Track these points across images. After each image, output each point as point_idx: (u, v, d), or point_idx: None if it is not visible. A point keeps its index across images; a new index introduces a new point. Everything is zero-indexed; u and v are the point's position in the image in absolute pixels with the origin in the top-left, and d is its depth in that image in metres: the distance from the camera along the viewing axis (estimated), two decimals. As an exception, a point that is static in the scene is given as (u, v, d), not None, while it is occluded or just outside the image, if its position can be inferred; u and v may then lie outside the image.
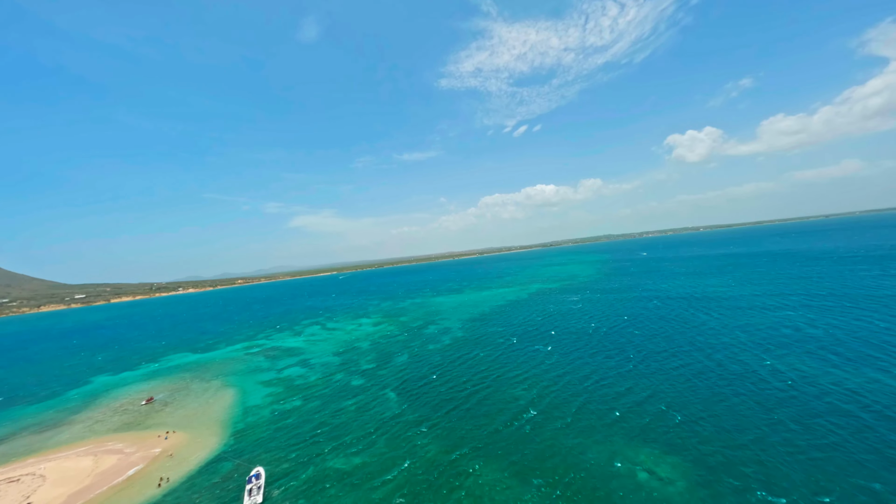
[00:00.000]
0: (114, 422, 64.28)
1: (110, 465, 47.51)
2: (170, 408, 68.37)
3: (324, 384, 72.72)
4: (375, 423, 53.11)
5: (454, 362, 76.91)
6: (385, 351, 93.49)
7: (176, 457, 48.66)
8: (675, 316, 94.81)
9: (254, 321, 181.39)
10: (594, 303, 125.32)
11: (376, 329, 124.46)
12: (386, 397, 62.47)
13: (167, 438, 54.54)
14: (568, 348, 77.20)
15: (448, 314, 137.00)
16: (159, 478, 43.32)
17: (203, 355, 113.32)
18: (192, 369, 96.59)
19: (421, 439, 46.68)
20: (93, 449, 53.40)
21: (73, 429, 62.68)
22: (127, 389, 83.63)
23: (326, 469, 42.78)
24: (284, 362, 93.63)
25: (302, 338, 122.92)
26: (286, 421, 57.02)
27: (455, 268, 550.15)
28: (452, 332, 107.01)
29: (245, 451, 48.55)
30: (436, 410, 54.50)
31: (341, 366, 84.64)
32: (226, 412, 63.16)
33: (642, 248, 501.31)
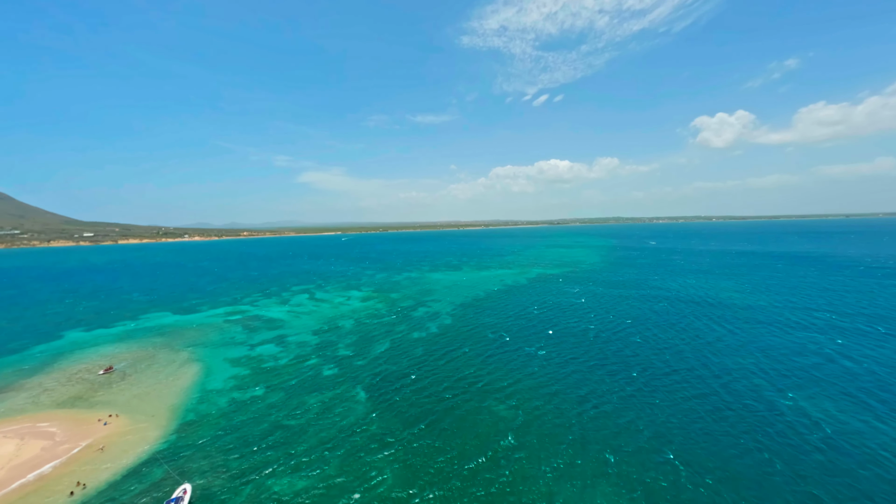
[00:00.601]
0: (62, 393, 58.95)
1: (31, 456, 41.83)
2: (126, 382, 62.80)
3: (293, 371, 66.31)
4: (335, 431, 46.39)
5: (437, 359, 69.65)
6: (367, 335, 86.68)
7: (106, 451, 42.76)
8: (685, 325, 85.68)
9: (245, 282, 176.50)
10: (597, 298, 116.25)
11: (364, 305, 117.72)
12: (355, 397, 55.69)
13: (106, 424, 48.74)
14: (564, 355, 69.13)
15: (441, 295, 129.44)
16: (76, 482, 37.35)
17: (183, 317, 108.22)
18: (167, 334, 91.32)
19: (380, 464, 39.77)
20: (24, 429, 47.95)
21: (17, 398, 57.51)
22: (91, 352, 78.59)
23: (264, 492, 36.28)
24: (261, 336, 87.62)
25: (287, 308, 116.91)
26: (240, 417, 50.71)
27: (458, 240, 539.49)
28: (442, 318, 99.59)
29: (183, 454, 42.38)
30: (405, 425, 47.47)
31: (317, 348, 78.16)
32: (180, 396, 57.21)
33: (652, 236, 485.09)
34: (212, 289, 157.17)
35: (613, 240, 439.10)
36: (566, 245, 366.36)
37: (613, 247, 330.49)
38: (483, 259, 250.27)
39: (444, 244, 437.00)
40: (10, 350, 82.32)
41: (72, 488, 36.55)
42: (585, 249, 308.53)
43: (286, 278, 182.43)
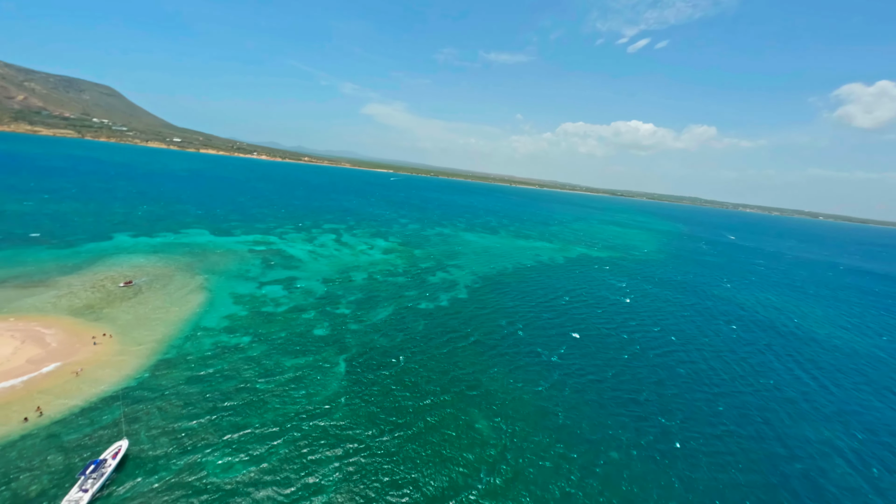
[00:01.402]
0: (80, 299, 61.66)
1: (19, 364, 42.91)
2: (136, 300, 64.24)
3: (286, 322, 63.17)
4: (295, 411, 41.84)
5: (435, 343, 62.10)
6: (374, 295, 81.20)
7: (80, 377, 42.52)
8: (756, 363, 68.18)
9: (285, 210, 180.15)
10: (645, 300, 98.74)
11: (384, 259, 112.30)
12: (332, 370, 50.76)
13: (96, 344, 49.11)
14: (585, 372, 57.55)
15: (466, 262, 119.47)
16: (36, 406, 37.05)
17: (216, 238, 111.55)
18: (195, 253, 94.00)
19: (325, 468, 34.38)
20: (31, 331, 50.06)
21: (44, 295, 61.13)
22: (124, 260, 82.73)
23: (197, 471, 32.90)
24: (273, 275, 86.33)
25: (310, 247, 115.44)
26: (215, 366, 48.31)
27: (506, 198, 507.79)
28: (458, 290, 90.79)
29: (144, 399, 40.64)
30: (370, 422, 41.44)
31: (319, 301, 74.50)
32: (173, 327, 56.66)
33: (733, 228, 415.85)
34: (253, 212, 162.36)
35: (683, 225, 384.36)
36: (624, 223, 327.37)
37: (681, 234, 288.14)
38: (525, 225, 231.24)
39: (489, 200, 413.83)
40: (66, 243, 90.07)
41: (29, 413, 36.14)
42: (645, 232, 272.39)
43: (323, 214, 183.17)
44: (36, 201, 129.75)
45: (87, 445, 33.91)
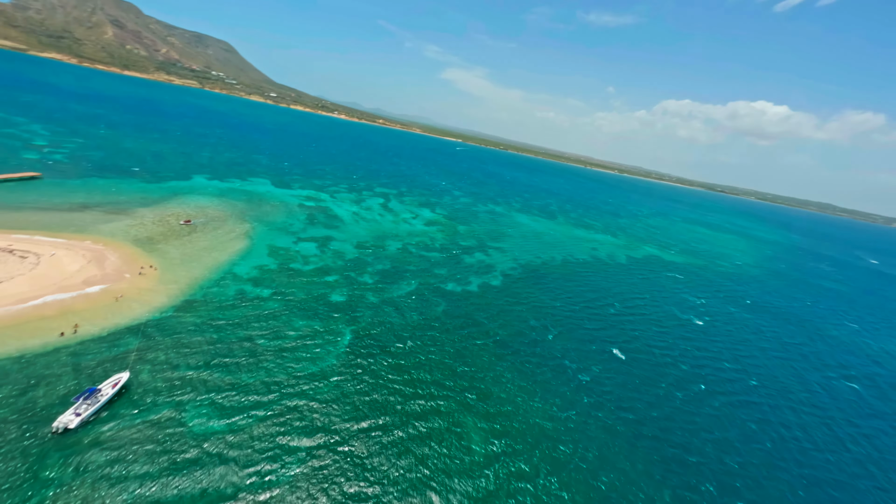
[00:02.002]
0: (145, 230, 68.72)
1: (76, 281, 48.49)
2: (188, 238, 69.69)
3: (308, 283, 63.12)
4: (286, 380, 40.56)
5: (450, 332, 56.79)
6: (403, 267, 77.91)
7: (119, 303, 46.57)
8: (892, 450, 50.40)
9: (344, 170, 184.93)
10: (726, 326, 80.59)
11: (424, 230, 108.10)
12: (335, 342, 48.86)
13: (141, 273, 53.78)
14: (623, 413, 47.43)
15: (511, 245, 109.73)
16: (75, 324, 41.21)
17: (274, 189, 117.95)
18: (251, 201, 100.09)
19: (290, 464, 32.35)
20: (99, 252, 56.67)
21: (120, 223, 69.32)
22: (192, 200, 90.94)
23: (180, 419, 33.33)
24: (313, 232, 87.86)
25: (355, 209, 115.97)
26: (231, 315, 49.52)
27: (576, 181, 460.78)
28: (493, 276, 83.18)
29: (160, 335, 42.95)
30: (355, 412, 38.42)
31: (347, 265, 73.54)
32: (208, 270, 59.91)
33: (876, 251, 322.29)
34: (315, 168, 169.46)
35: (801, 237, 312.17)
36: (716, 225, 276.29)
37: (794, 248, 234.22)
38: (589, 213, 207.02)
39: (555, 182, 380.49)
40: (156, 178, 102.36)
41: (66, 329, 40.18)
42: (744, 239, 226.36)
43: (379, 177, 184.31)
44: (147, 140, 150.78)
45: (98, 369, 36.48)
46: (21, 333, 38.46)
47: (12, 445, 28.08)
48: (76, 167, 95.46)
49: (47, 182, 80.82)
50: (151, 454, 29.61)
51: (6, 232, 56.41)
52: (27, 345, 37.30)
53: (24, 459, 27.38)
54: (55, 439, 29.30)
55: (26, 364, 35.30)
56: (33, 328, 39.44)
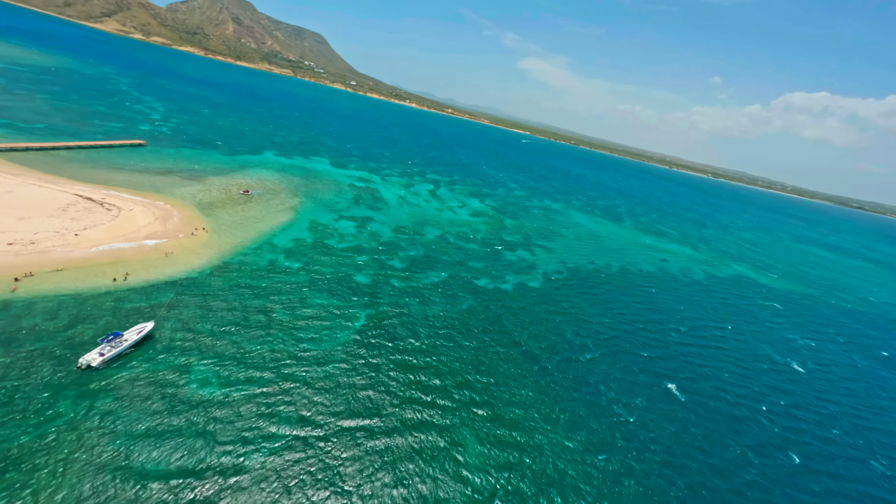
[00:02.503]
0: (209, 196, 75.47)
1: (141, 235, 54.26)
2: (242, 206, 74.86)
3: (338, 260, 63.06)
4: (289, 356, 40.00)
5: (473, 336, 51.84)
6: (436, 256, 74.36)
7: (167, 259, 50.93)
8: None
9: (400, 156, 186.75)
10: (842, 381, 62.64)
11: (469, 220, 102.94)
12: (346, 326, 47.31)
13: (193, 234, 58.58)
14: (672, 476, 38.13)
15: (562, 246, 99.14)
16: (126, 272, 45.80)
17: (330, 168, 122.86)
18: (306, 177, 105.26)
19: (268, 451, 31.21)
20: (167, 211, 63.30)
21: (191, 187, 77.24)
22: (256, 173, 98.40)
23: (185, 374, 34.43)
24: (356, 211, 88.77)
25: (402, 193, 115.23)
26: (257, 283, 50.98)
27: (654, 183, 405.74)
28: (533, 276, 75.37)
29: (192, 293, 45.75)
30: (344, 412, 36.12)
31: (380, 248, 72.33)
32: (250, 238, 63.18)
33: None
34: (374, 152, 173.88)
35: None
36: (839, 248, 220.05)
37: None
38: (665, 219, 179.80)
39: (629, 182, 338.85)
40: (234, 151, 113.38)
41: (119, 276, 44.70)
42: (882, 270, 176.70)
43: (434, 164, 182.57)
44: (237, 119, 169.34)
45: (132, 316, 39.65)
46: (84, 274, 43.69)
47: (44, 373, 31.17)
48: (174, 139, 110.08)
49: (149, 149, 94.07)
50: (146, 407, 30.60)
51: (103, 187, 66.08)
52: (84, 285, 42.15)
53: (49, 388, 30.12)
54: (78, 374, 31.92)
55: (79, 302, 39.74)
56: (95, 271, 44.59)
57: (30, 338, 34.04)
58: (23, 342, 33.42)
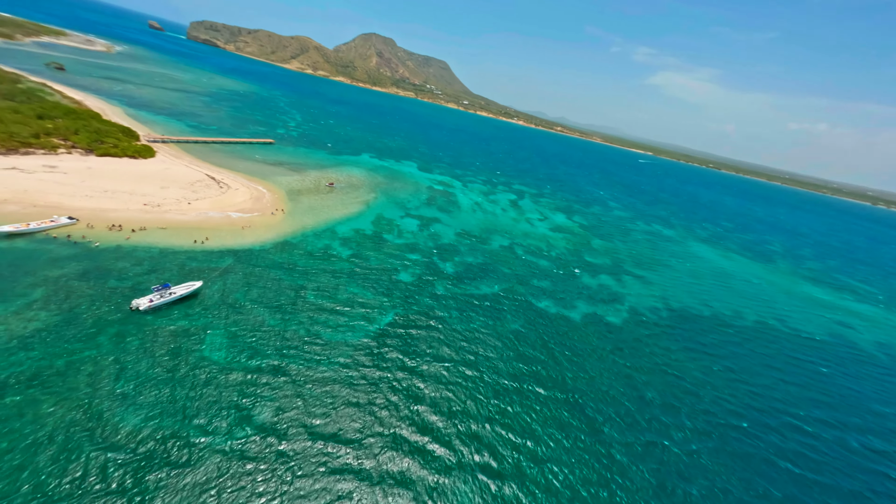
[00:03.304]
0: (301, 185, 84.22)
1: (232, 209, 62.57)
2: (323, 196, 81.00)
3: (388, 255, 61.00)
4: (304, 343, 38.23)
5: (505, 367, 41.93)
6: (498, 267, 65.85)
7: (242, 231, 56.81)
8: None
9: (490, 166, 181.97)
10: None
11: (547, 234, 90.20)
12: (371, 321, 43.63)
13: (272, 213, 64.89)
14: None
15: (667, 279, 77.51)
16: (205, 237, 52.23)
17: (415, 171, 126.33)
18: (390, 177, 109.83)
19: (234, 435, 28.77)
20: (261, 193, 72.41)
21: (291, 177, 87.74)
22: (347, 169, 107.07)
23: (207, 340, 35.63)
24: (423, 211, 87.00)
25: (480, 199, 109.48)
26: (304, 264, 52.35)
27: (839, 220, 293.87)
28: (614, 308, 59.40)
29: (245, 262, 49.22)
30: (342, 423, 31.79)
31: (436, 250, 67.82)
32: (318, 223, 66.65)
33: None
34: (463, 161, 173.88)
35: None
36: None
37: None
38: (853, 269, 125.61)
39: (792, 216, 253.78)
40: (337, 152, 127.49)
41: (199, 239, 51.26)
42: None
43: (523, 176, 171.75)
44: (352, 128, 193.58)
45: (193, 274, 44.05)
46: (177, 234, 51.41)
47: (104, 307, 35.87)
48: (296, 140, 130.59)
49: (274, 147, 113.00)
50: (156, 358, 31.91)
51: (227, 171, 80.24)
52: (173, 242, 49.32)
53: (99, 320, 34.29)
54: (127, 314, 35.82)
55: (162, 255, 46.30)
56: (185, 233, 52.14)
57: (114, 276, 40.38)
58: (107, 278, 39.74)
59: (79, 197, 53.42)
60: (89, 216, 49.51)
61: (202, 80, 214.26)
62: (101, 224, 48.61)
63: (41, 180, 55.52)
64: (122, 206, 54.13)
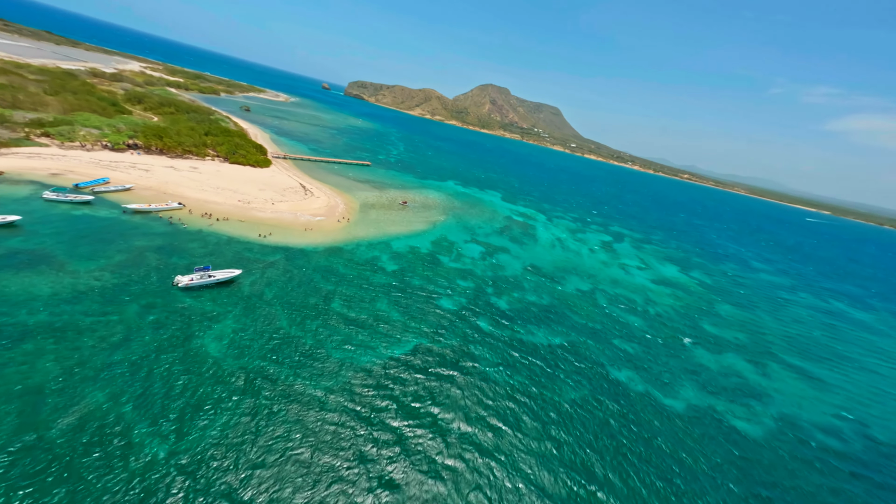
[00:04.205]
0: (377, 200, 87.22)
1: (308, 213, 66.87)
2: (392, 211, 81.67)
3: (437, 276, 55.01)
4: (304, 360, 34.34)
5: (522, 468, 29.50)
6: (565, 312, 52.71)
7: (304, 232, 59.21)
8: None
9: (587, 205, 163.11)
10: None
11: (646, 286, 70.83)
12: (381, 349, 37.31)
13: (338, 221, 67.05)
14: None
15: (861, 386, 49.45)
16: (270, 231, 55.73)
17: (497, 201, 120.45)
18: (469, 203, 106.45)
19: (211, 425, 24.95)
20: (337, 203, 77.01)
21: (370, 193, 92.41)
22: (427, 192, 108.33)
23: (220, 332, 35.12)
24: (494, 239, 79.15)
25: (564, 236, 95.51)
26: (345, 273, 50.52)
27: None
28: (746, 412, 40.32)
29: (291, 260, 49.82)
30: (271, 448, 25.66)
31: (496, 279, 58.73)
32: (378, 235, 65.99)
33: None
34: (555, 197, 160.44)
35: None
36: None
37: None
38: None
39: None
40: (423, 176, 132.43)
41: (265, 233, 54.87)
42: None
43: (626, 219, 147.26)
44: (447, 160, 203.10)
45: (242, 262, 46.08)
46: (248, 227, 56.23)
47: (154, 278, 38.93)
48: (391, 165, 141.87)
49: (369, 168, 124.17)
50: (165, 339, 31.75)
51: (317, 182, 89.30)
52: (241, 233, 53.73)
53: (144, 290, 36.95)
54: (168, 288, 38.03)
55: (226, 243, 50.36)
56: (255, 227, 56.74)
57: (180, 253, 44.72)
58: (174, 255, 44.12)
59: (197, 190, 64.76)
60: (194, 204, 58.64)
61: (338, 119, 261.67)
62: (199, 211, 56.73)
63: (182, 176, 69.97)
64: (222, 200, 63.13)
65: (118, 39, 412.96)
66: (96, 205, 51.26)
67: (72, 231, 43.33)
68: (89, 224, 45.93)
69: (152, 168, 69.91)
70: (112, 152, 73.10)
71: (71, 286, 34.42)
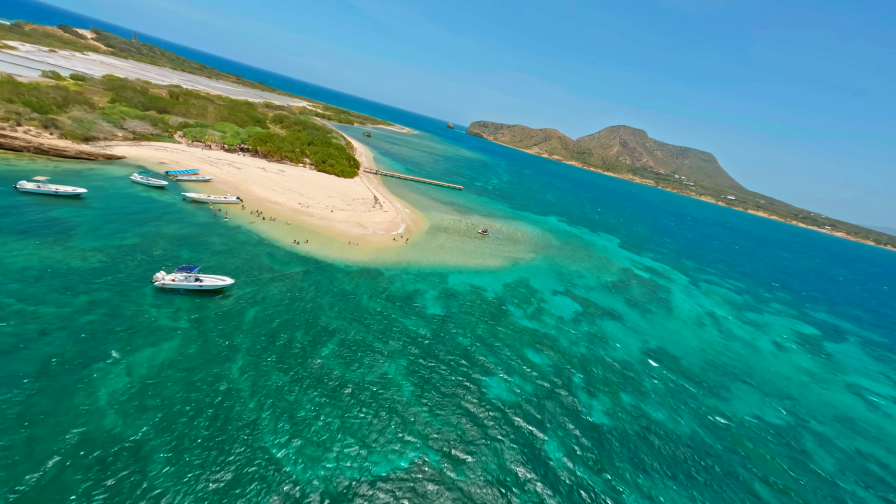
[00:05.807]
0: (450, 224, 75.57)
1: (368, 225, 59.63)
2: (465, 239, 68.24)
3: (497, 334, 38.17)
4: (285, 406, 22.43)
5: None
6: (680, 407, 28.03)
7: (346, 246, 50.83)
8: None
9: (757, 273, 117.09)
10: None
11: (800, 373, 36.33)
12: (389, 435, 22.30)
13: (394, 240, 57.28)
14: None
15: None
16: (307, 238, 49.00)
17: (613, 246, 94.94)
18: (571, 244, 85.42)
19: None
20: (405, 217, 68.55)
21: (448, 216, 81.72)
22: (518, 224, 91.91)
23: (203, 349, 26.85)
24: (598, 297, 57.04)
25: (713, 308, 64.61)
26: (368, 302, 38.69)
27: None
28: None
29: (309, 277, 40.79)
30: None
31: (586, 357, 38.21)
32: (433, 263, 53.28)
33: None
34: (705, 256, 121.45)
35: None
36: None
37: None
38: None
39: None
40: (522, 208, 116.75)
41: (301, 240, 48.41)
42: None
43: (831, 302, 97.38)
44: (554, 196, 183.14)
45: (263, 269, 39.21)
46: (289, 232, 50.86)
47: (141, 271, 34.14)
48: (486, 192, 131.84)
49: (459, 192, 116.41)
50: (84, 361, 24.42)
51: (395, 197, 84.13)
52: (276, 237, 48.33)
53: (126, 284, 31.98)
54: (146, 285, 32.40)
55: (259, 242, 45.17)
56: (297, 232, 51.06)
57: (197, 247, 40.47)
58: (188, 247, 40.00)
59: (267, 189, 65.31)
60: (253, 201, 57.68)
61: (448, 149, 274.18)
62: (251, 208, 54.95)
63: (264, 175, 73.15)
64: (283, 201, 61.40)
65: (301, 88, 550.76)
66: (169, 190, 54.00)
67: (120, 209, 44.17)
68: (143, 205, 46.95)
69: (244, 167, 75.50)
70: (225, 152, 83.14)
71: (50, 262, 31.54)
